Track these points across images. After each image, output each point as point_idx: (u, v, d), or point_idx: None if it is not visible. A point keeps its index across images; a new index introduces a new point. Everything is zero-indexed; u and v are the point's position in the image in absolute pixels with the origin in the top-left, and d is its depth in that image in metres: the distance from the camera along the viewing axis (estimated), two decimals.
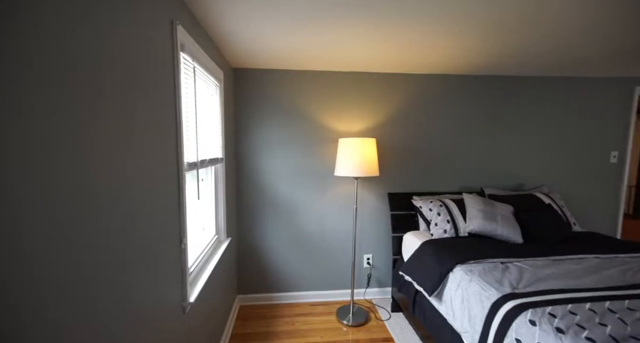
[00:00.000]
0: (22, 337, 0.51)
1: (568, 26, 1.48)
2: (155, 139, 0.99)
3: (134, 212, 0.86)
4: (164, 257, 1.07)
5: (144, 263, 0.92)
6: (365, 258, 2.58)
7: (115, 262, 0.77)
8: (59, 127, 0.59)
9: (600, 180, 2.68)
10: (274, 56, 2.01)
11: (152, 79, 0.97)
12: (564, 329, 1.07)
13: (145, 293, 0.92)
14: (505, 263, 1.65)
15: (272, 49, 1.87)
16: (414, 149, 2.53)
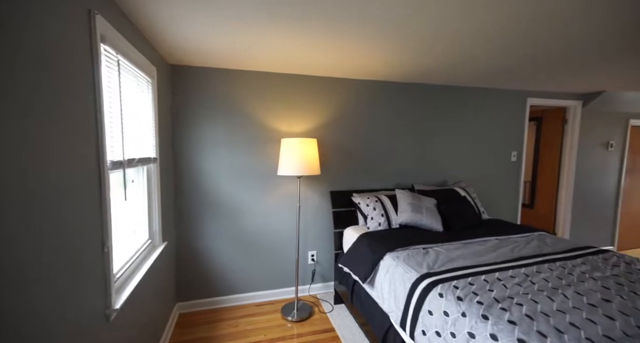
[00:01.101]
0: None
1: (465, 46, 1.76)
2: (70, 135, 0.93)
3: (45, 214, 0.81)
4: (83, 261, 1.00)
5: (57, 268, 0.86)
6: (309, 255, 2.67)
7: (20, 266, 0.72)
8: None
9: (504, 176, 3.18)
10: (214, 55, 2.00)
11: (64, 70, 0.91)
12: (462, 297, 1.28)
13: (58, 299, 0.86)
14: (426, 248, 1.88)
15: (211, 48, 1.85)
16: (353, 150, 2.71)
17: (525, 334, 1.03)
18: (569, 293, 1.31)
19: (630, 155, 3.61)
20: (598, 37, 1.62)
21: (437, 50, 1.85)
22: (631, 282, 1.42)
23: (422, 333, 1.35)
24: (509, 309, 1.18)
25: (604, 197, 3.56)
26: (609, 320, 1.11)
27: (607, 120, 3.43)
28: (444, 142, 2.95)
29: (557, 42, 1.70)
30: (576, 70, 2.32)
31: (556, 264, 1.64)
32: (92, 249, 1.07)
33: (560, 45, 1.75)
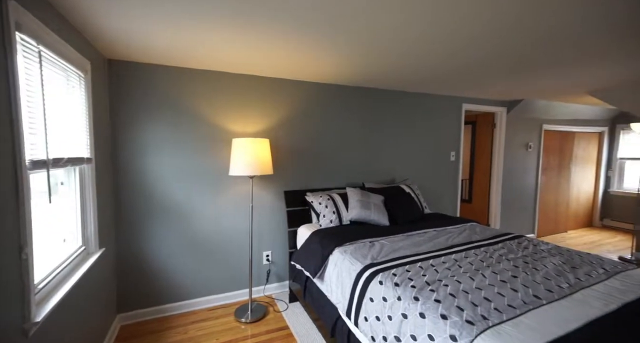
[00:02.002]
0: None
1: (400, 53, 1.93)
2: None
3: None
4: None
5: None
6: (264, 255, 2.66)
7: None
8: None
9: (445, 174, 3.50)
10: (160, 51, 1.91)
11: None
12: (399, 283, 1.41)
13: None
14: (372, 241, 2.00)
15: (156, 44, 1.78)
16: (307, 150, 2.78)
17: (447, 310, 1.17)
18: (487, 273, 1.51)
19: (545, 155, 4.21)
20: (509, 52, 1.89)
21: (375, 58, 2.00)
22: (535, 260, 1.67)
23: (364, 320, 1.44)
24: (436, 290, 1.32)
25: (526, 192, 4.10)
26: (513, 292, 1.30)
27: (527, 124, 3.96)
28: (391, 143, 3.16)
29: (479, 55, 1.95)
30: (497, 80, 2.66)
31: (481, 250, 1.86)
32: (6, 256, 0.97)
33: (481, 58, 2.01)
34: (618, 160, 4.80)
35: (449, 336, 1.06)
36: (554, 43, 1.71)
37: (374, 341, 1.36)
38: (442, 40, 1.68)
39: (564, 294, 1.30)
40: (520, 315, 1.14)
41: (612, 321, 1.10)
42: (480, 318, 1.11)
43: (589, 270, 1.54)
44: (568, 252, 1.80)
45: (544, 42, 1.70)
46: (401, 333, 1.23)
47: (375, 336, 1.35)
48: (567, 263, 1.64)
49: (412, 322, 1.20)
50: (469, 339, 1.02)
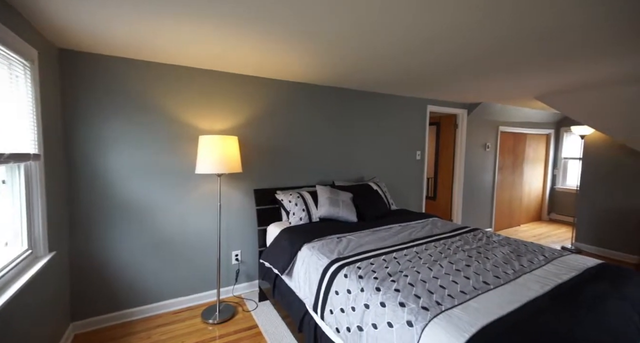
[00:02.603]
0: None
1: (365, 56, 2.01)
2: None
3: None
4: None
5: None
6: (233, 255, 2.62)
7: None
8: None
9: (411, 172, 3.67)
10: (122, 43, 1.81)
11: None
12: (362, 275, 1.46)
13: None
14: (340, 237, 2.06)
15: (117, 36, 1.68)
16: (277, 148, 2.77)
17: (405, 298, 1.24)
18: (444, 263, 1.61)
19: (500, 155, 4.55)
20: (465, 58, 2.03)
21: (343, 59, 2.05)
22: (487, 250, 1.82)
23: (330, 313, 1.48)
24: (397, 280, 1.40)
25: (485, 189, 4.41)
26: (465, 280, 1.41)
27: (485, 126, 4.26)
28: (361, 142, 3.25)
29: (440, 59, 2.07)
30: (457, 83, 2.84)
31: (440, 242, 1.99)
32: None
33: (441, 62, 2.14)
34: (562, 159, 5.32)
35: (406, 322, 1.13)
36: (506, 50, 1.86)
37: (338, 332, 1.41)
38: (404, 44, 1.77)
39: (509, 279, 1.43)
40: (470, 299, 1.24)
41: (546, 300, 1.24)
42: (435, 304, 1.19)
43: (532, 258, 1.70)
44: (515, 242, 1.98)
45: (496, 50, 1.85)
46: (363, 323, 1.28)
47: (339, 327, 1.40)
48: (514, 252, 1.80)
49: (373, 312, 1.26)
50: (423, 323, 1.09)
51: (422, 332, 1.07)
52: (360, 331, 1.28)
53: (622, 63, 2.06)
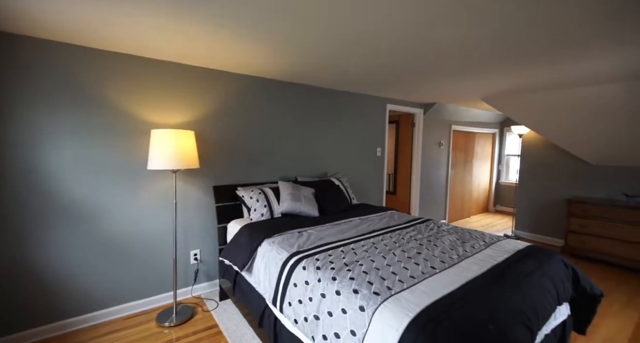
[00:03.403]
0: None
1: (325, 54, 2.05)
2: None
3: None
4: None
5: None
6: (192, 254, 2.53)
7: None
8: None
9: (372, 168, 3.81)
10: (63, 27, 1.63)
11: None
12: (320, 267, 1.50)
13: None
14: (301, 231, 2.08)
15: (59, 18, 1.51)
16: (238, 144, 2.71)
17: (359, 285, 1.30)
18: (397, 252, 1.71)
19: (453, 152, 4.91)
20: (418, 60, 2.15)
21: (300, 56, 2.07)
22: (436, 238, 1.97)
23: (288, 305, 1.50)
24: (352, 269, 1.46)
25: (439, 184, 4.72)
26: (415, 266, 1.52)
27: (439, 125, 4.56)
28: (323, 138, 3.30)
29: (394, 61, 2.17)
30: (412, 84, 3.01)
31: (395, 233, 2.10)
32: None
33: (396, 63, 2.25)
34: (505, 156, 5.88)
35: (358, 307, 1.19)
36: (456, 54, 2.01)
37: (296, 323, 1.43)
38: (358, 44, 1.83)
39: (453, 263, 1.57)
40: (417, 283, 1.34)
41: (482, 279, 1.38)
42: (386, 289, 1.27)
43: (474, 243, 1.88)
44: (461, 231, 2.16)
45: (448, 54, 1.99)
46: (320, 312, 1.32)
47: (297, 318, 1.43)
48: (460, 239, 1.97)
49: (329, 300, 1.31)
50: (374, 307, 1.16)
51: (373, 315, 1.13)
52: (316, 320, 1.32)
53: (552, 70, 2.34)
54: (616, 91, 2.63)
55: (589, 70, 2.31)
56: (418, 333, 1.00)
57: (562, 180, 3.87)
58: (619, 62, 2.08)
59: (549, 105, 3.17)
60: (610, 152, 3.30)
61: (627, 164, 3.34)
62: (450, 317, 1.07)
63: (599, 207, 3.23)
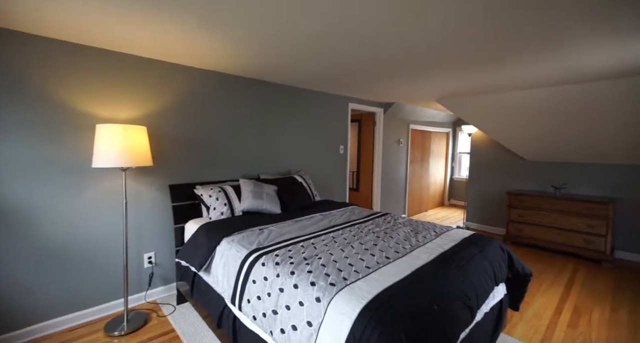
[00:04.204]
0: None
1: (281, 52, 2.05)
2: None
3: None
4: None
5: None
6: (146, 258, 2.38)
7: None
8: None
9: (335, 165, 3.89)
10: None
11: None
12: (279, 262, 1.51)
13: None
14: (262, 229, 2.07)
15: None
16: (197, 141, 2.61)
17: (316, 278, 1.34)
18: (355, 244, 1.78)
19: (411, 150, 5.19)
20: (373, 62, 2.25)
21: (257, 51, 2.05)
22: (392, 230, 2.08)
23: (247, 302, 1.49)
24: (311, 263, 1.49)
25: (399, 180, 4.97)
26: (371, 256, 1.59)
27: (398, 124, 4.78)
28: (287, 136, 3.29)
29: (351, 61, 2.24)
30: (370, 84, 3.12)
31: (355, 227, 2.18)
32: None
33: (353, 64, 2.32)
34: (458, 154, 6.35)
35: (315, 299, 1.22)
36: (412, 57, 2.13)
37: (255, 320, 1.43)
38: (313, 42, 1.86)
39: (406, 253, 1.67)
40: (372, 272, 1.41)
41: (430, 265, 1.49)
42: (342, 280, 1.32)
43: (425, 234, 2.02)
44: (416, 223, 2.30)
45: (404, 57, 2.10)
46: (278, 306, 1.33)
47: (256, 315, 1.42)
48: (413, 230, 2.10)
49: (287, 294, 1.32)
50: (329, 297, 1.20)
51: (329, 305, 1.17)
52: (274, 314, 1.33)
53: (496, 74, 2.57)
54: (548, 95, 2.98)
55: (524, 76, 2.59)
56: (369, 318, 1.06)
57: (504, 174, 4.29)
58: (551, 69, 2.36)
59: (492, 107, 3.49)
60: (542, 149, 3.74)
61: (555, 159, 3.80)
62: (399, 301, 1.15)
63: (532, 198, 3.64)
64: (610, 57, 2.03)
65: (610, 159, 3.38)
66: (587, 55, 1.99)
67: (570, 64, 2.19)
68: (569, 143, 3.42)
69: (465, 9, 1.39)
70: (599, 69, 2.30)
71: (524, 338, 1.94)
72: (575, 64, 2.18)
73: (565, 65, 2.24)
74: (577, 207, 3.32)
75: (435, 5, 1.36)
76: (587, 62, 2.14)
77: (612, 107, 2.78)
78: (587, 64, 2.19)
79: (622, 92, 2.60)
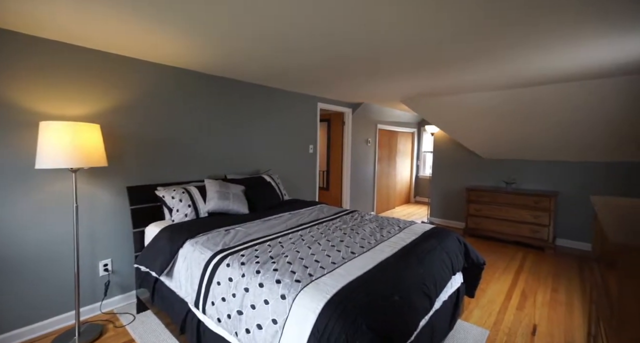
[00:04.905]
0: None
1: (240, 48, 2.03)
2: None
3: None
4: None
5: None
6: (101, 265, 2.22)
7: None
8: None
9: (305, 164, 3.90)
10: None
11: None
12: (245, 262, 1.49)
13: None
14: (228, 230, 2.02)
15: None
16: (159, 140, 2.48)
17: (282, 275, 1.34)
18: (322, 241, 1.80)
19: (379, 149, 5.36)
20: (337, 60, 2.29)
21: (216, 47, 2.00)
22: (359, 227, 2.14)
23: (211, 304, 1.45)
24: (277, 261, 1.48)
25: (368, 179, 5.10)
26: (337, 252, 1.62)
27: (366, 124, 4.91)
28: (256, 135, 3.24)
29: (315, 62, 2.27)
30: (336, 84, 3.18)
31: (323, 224, 2.21)
32: None
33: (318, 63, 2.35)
34: (423, 153, 6.67)
35: (280, 296, 1.23)
36: (378, 58, 2.20)
37: (219, 322, 1.39)
38: (279, 41, 1.86)
39: (370, 247, 1.73)
40: (337, 268, 1.44)
41: (393, 258, 1.56)
42: (307, 276, 1.33)
43: (390, 229, 2.10)
44: (381, 219, 2.39)
45: (370, 57, 2.16)
46: (243, 306, 1.31)
47: (220, 317, 1.39)
48: (379, 226, 2.18)
49: (252, 294, 1.31)
50: (294, 294, 1.21)
51: (294, 301, 1.18)
52: (239, 315, 1.31)
53: (456, 77, 2.74)
54: (501, 97, 3.24)
55: (481, 79, 2.79)
56: (332, 311, 1.08)
57: (464, 172, 4.59)
58: (500, 74, 2.56)
59: (452, 108, 3.71)
60: (496, 148, 4.05)
61: (508, 157, 4.14)
62: (361, 293, 1.19)
63: (488, 193, 3.93)
64: (553, 65, 2.26)
65: (554, 156, 3.75)
66: (535, 61, 2.20)
67: (520, 69, 2.40)
68: (519, 142, 3.74)
69: (423, 12, 1.47)
70: (548, 74, 2.55)
71: (479, 322, 2.10)
72: (525, 69, 2.40)
73: (515, 71, 2.45)
74: (525, 200, 3.65)
75: (388, 7, 1.42)
76: (536, 67, 2.36)
77: (554, 109, 3.08)
78: (536, 68, 2.41)
79: (563, 95, 2.90)
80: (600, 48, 1.90)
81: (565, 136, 3.35)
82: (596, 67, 2.30)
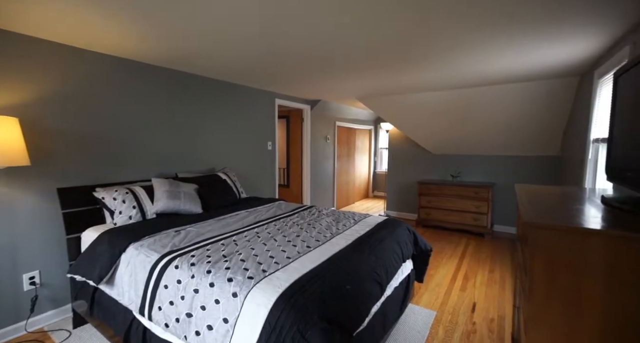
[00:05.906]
0: None
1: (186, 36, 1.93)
2: None
3: None
4: None
5: None
6: (26, 279, 1.95)
7: None
8: None
9: (263, 161, 3.84)
10: None
11: None
12: (195, 262, 1.43)
13: None
14: (179, 230, 1.91)
15: None
16: (97, 136, 2.24)
17: (234, 273, 1.31)
18: (278, 238, 1.79)
19: (338, 146, 5.47)
20: (292, 57, 2.28)
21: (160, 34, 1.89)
22: (315, 221, 2.16)
23: (158, 309, 1.37)
24: (230, 260, 1.44)
25: (327, 175, 5.18)
26: (293, 247, 1.63)
27: (325, 121, 4.98)
28: (210, 132, 3.10)
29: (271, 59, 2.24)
30: (292, 79, 3.17)
31: (280, 221, 2.19)
32: None
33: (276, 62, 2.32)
34: (380, 149, 6.97)
35: (232, 294, 1.20)
36: (333, 56, 2.22)
37: (167, 327, 1.32)
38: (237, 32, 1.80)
39: (326, 240, 1.76)
40: (292, 262, 1.44)
41: (346, 250, 1.61)
42: (261, 273, 1.32)
43: (345, 222, 2.16)
44: (338, 213, 2.45)
45: (324, 55, 2.18)
46: (192, 309, 1.26)
47: (168, 322, 1.32)
48: (335, 220, 2.23)
49: (202, 294, 1.26)
50: (246, 291, 1.19)
51: (245, 298, 1.16)
52: (189, 318, 1.25)
53: (405, 76, 2.89)
54: (447, 97, 3.50)
55: (424, 80, 2.98)
56: (284, 305, 1.09)
57: (416, 166, 4.89)
58: (442, 75, 2.76)
59: (403, 106, 3.93)
60: (443, 143, 4.38)
61: (454, 152, 4.50)
62: (314, 285, 1.21)
63: (436, 186, 4.24)
64: (491, 68, 2.50)
65: (491, 151, 4.16)
66: (472, 64, 2.41)
67: (458, 71, 2.62)
68: (462, 138, 4.09)
69: (371, 13, 1.52)
70: (486, 76, 2.81)
71: (428, 305, 2.27)
72: (466, 71, 2.62)
73: (454, 72, 2.67)
74: (467, 192, 4.01)
75: (336, 6, 1.45)
76: (475, 69, 2.58)
77: (491, 108, 3.42)
78: (475, 71, 2.65)
79: (499, 96, 3.23)
80: (531, 54, 2.15)
81: (500, 133, 3.74)
82: (527, 71, 2.60)
